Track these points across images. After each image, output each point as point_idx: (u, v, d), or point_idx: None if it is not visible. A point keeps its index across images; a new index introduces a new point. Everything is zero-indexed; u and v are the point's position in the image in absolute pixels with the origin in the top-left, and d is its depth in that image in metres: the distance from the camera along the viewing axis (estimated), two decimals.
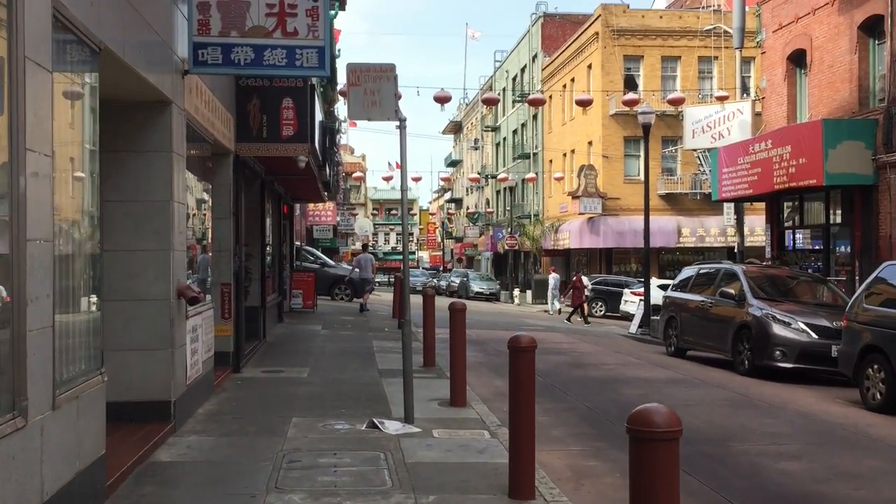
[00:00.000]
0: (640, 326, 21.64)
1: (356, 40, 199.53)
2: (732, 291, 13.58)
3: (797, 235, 21.03)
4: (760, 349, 12.50)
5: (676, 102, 24.75)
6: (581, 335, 20.19)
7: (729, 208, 26.22)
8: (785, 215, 21.49)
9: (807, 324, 12.33)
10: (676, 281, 16.63)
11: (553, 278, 36.35)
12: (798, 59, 20.80)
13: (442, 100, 21.97)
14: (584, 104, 25.01)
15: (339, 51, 32.37)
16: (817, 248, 19.87)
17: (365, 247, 27.55)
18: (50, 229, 4.40)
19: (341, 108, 36.94)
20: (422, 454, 6.74)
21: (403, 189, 8.00)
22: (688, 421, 8.81)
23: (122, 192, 7.19)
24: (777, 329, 12.39)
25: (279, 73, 8.13)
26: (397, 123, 7.93)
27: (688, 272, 16.35)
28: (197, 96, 8.31)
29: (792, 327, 12.34)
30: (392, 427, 7.61)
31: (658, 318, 21.38)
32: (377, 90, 7.83)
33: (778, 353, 12.27)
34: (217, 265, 10.56)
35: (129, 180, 7.20)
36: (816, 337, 12.19)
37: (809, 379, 12.25)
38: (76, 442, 4.72)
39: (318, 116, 13.56)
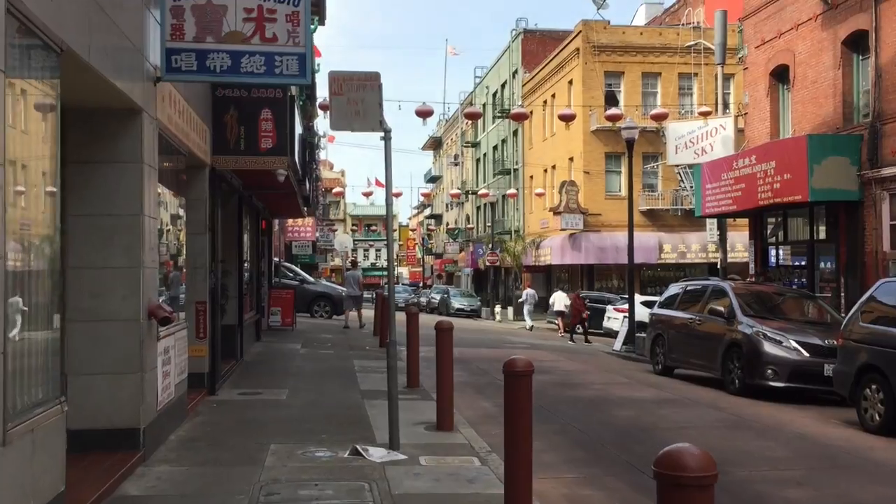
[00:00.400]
0: (624, 343, 21.36)
1: (334, 56, 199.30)
2: (721, 308, 13.31)
3: (781, 251, 20.91)
4: (751, 368, 12.22)
5: (660, 118, 24.66)
6: (567, 353, 19.86)
7: (712, 224, 26.11)
8: (768, 231, 21.35)
9: (798, 342, 12.07)
10: (663, 298, 16.36)
11: (528, 294, 36.14)
12: (781, 75, 20.73)
13: (424, 114, 21.68)
14: (567, 119, 24.83)
15: (318, 65, 32.05)
16: (801, 264, 19.72)
17: (354, 264, 27.32)
18: (1, 245, 3.98)
19: (321, 124, 36.52)
20: (409, 484, 6.33)
21: (388, 203, 7.63)
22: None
23: (90, 205, 6.76)
24: (768, 347, 12.12)
25: (257, 80, 7.74)
26: (382, 135, 7.56)
27: (674, 289, 16.09)
28: (170, 105, 7.91)
29: (783, 345, 12.08)
30: (377, 454, 7.19)
31: (643, 335, 21.16)
32: (361, 100, 7.46)
33: (769, 371, 12.00)
34: (192, 283, 10.11)
35: (97, 193, 6.78)
36: (808, 355, 11.93)
37: (801, 398, 11.98)
38: (31, 480, 4.28)
39: (298, 129, 13.19)
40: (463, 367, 14.92)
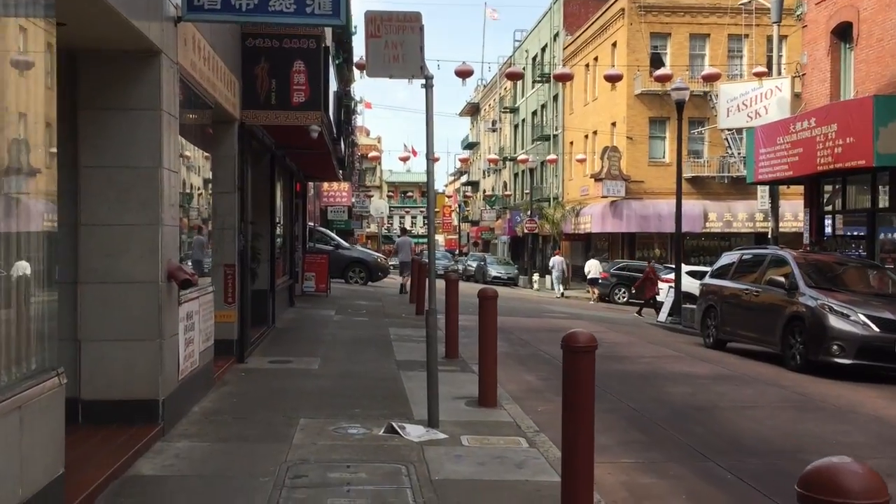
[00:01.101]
0: (669, 315, 20.53)
1: None
2: (782, 279, 12.44)
3: (837, 220, 19.83)
4: (815, 343, 11.38)
5: (711, 79, 23.43)
6: (609, 324, 19.11)
7: (763, 192, 24.97)
8: (825, 199, 20.26)
9: (867, 315, 11.19)
10: (715, 268, 15.49)
11: (556, 261, 35.24)
12: (843, 33, 19.49)
13: (463, 74, 20.84)
14: (613, 80, 23.77)
15: (354, 27, 31.24)
16: (860, 234, 18.66)
17: (404, 231, 27.80)
18: None
19: (357, 89, 35.81)
20: (450, 469, 5.71)
21: (429, 157, 6.92)
22: (750, 427, 7.76)
23: (104, 156, 6.17)
24: (834, 321, 11.26)
25: (287, 20, 7.04)
26: (423, 81, 6.84)
27: (728, 258, 15.21)
28: (194, 51, 7.26)
29: (851, 319, 11.20)
30: (414, 432, 6.58)
31: (689, 306, 20.29)
32: (400, 43, 6.74)
33: (835, 347, 11.15)
34: (220, 244, 9.56)
35: (111, 143, 6.18)
36: (878, 330, 11.05)
37: (869, 377, 11.12)
38: (18, 465, 3.71)
39: (333, 85, 12.50)
40: (503, 338, 14.26)
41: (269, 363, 10.06)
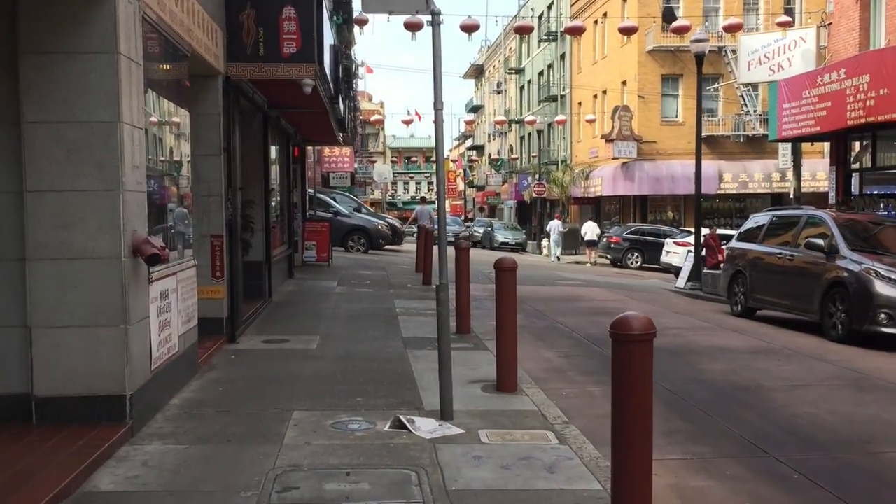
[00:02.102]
0: (689, 280, 19.58)
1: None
2: (820, 242, 11.44)
3: (866, 178, 18.76)
4: (860, 311, 10.42)
5: (733, 29, 22.14)
6: (627, 291, 18.17)
7: (785, 149, 23.87)
8: (852, 156, 19.18)
9: None
10: (743, 230, 14.47)
11: (553, 225, 34.30)
12: None
13: (469, 28, 19.67)
14: (628, 32, 22.51)
15: None
16: (891, 192, 17.62)
17: (423, 199, 28.42)
18: None
19: (358, 52, 34.66)
20: (469, 475, 4.80)
21: (437, 106, 5.95)
22: (806, 412, 6.67)
23: (50, 109, 5.20)
24: (881, 287, 10.28)
25: None
26: (428, 18, 5.82)
27: (758, 219, 14.19)
28: None
29: None
30: (425, 427, 5.68)
31: (709, 271, 19.33)
32: None
33: (882, 316, 10.20)
34: (205, 213, 8.61)
35: (58, 93, 5.20)
36: None
37: None
38: None
39: (329, 36, 11.43)
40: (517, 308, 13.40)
41: (263, 343, 9.16)
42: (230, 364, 7.91)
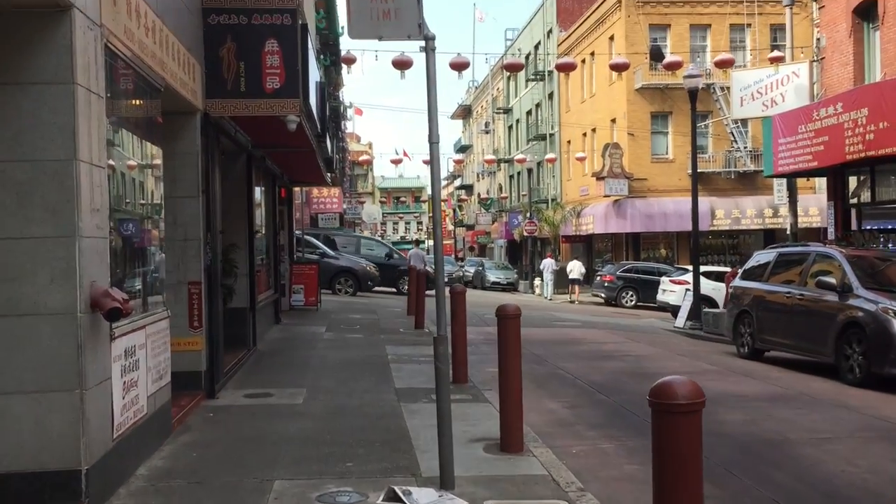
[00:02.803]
0: (688, 319, 19.03)
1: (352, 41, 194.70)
2: (832, 280, 10.92)
3: (865, 213, 18.37)
4: (879, 354, 9.85)
5: (725, 64, 21.89)
6: (625, 332, 17.58)
7: (780, 185, 23.51)
8: (850, 191, 18.82)
9: None
10: (748, 267, 13.95)
11: (547, 263, 34.11)
12: (866, 12, 18.09)
13: (459, 66, 19.34)
14: (620, 69, 22.23)
15: (341, 28, 29.78)
16: (891, 227, 17.21)
17: (417, 242, 29.70)
18: None
19: (347, 94, 34.56)
20: None
21: (433, 140, 5.39)
22: (844, 471, 6.09)
23: None
24: None
25: None
26: (422, 44, 5.30)
27: (762, 257, 13.68)
28: (129, 15, 5.71)
29: None
30: (423, 499, 5.02)
31: (709, 310, 18.80)
32: None
33: None
34: (182, 259, 8.01)
35: (7, 128, 4.63)
36: None
37: None
38: None
39: (315, 71, 10.94)
40: None
41: (245, 398, 8.48)
42: (207, 424, 7.24)
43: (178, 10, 7.40)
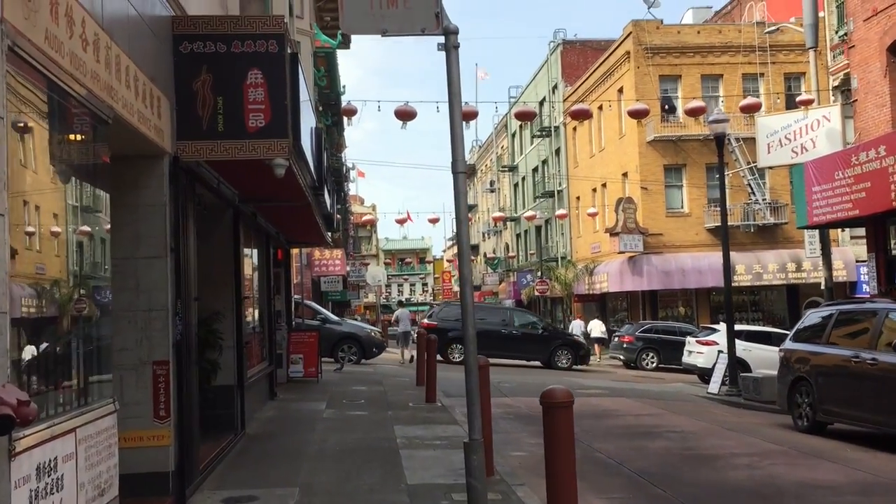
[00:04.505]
0: (723, 384, 17.39)
1: (367, 94, 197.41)
2: None
3: None
4: None
5: (751, 109, 20.66)
6: (655, 400, 15.92)
7: (812, 237, 22.13)
8: (893, 242, 17.38)
9: None
10: (800, 328, 12.40)
11: (576, 325, 32.93)
12: None
13: (468, 116, 18.12)
14: (639, 115, 21.00)
15: (343, 87, 28.93)
16: None
17: (401, 303, 32.11)
18: None
19: (348, 154, 33.82)
20: None
21: (458, 170, 3.97)
22: None
23: None
24: None
25: None
26: (441, 40, 3.92)
27: (816, 316, 12.14)
28: (57, 19, 4.36)
29: None
30: None
31: (745, 374, 17.18)
32: None
33: None
34: (145, 333, 6.55)
35: None
36: None
37: None
38: None
39: (310, 113, 9.60)
40: (536, 429, 11.15)
41: (223, 503, 6.90)
42: None
43: (137, 31, 6.08)
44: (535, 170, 49.36)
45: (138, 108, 5.94)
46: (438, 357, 19.98)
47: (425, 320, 25.81)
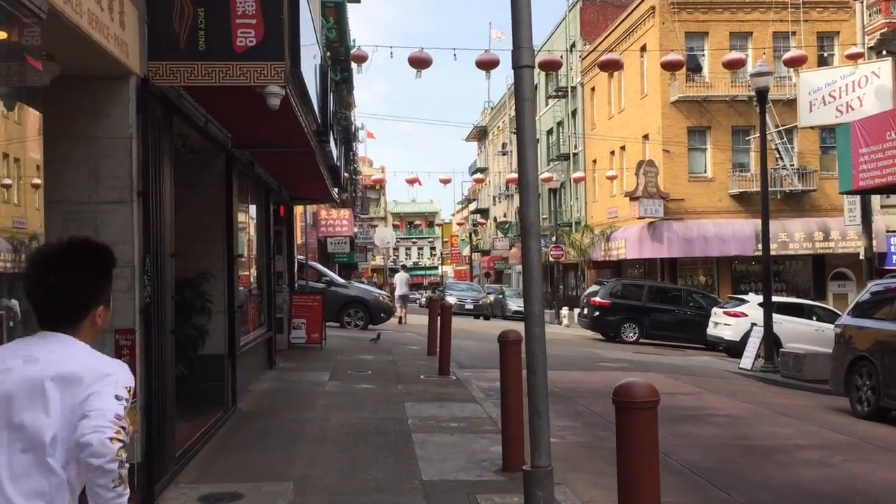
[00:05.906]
0: (757, 359, 16.17)
1: (377, 57, 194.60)
2: None
3: None
4: None
5: (796, 62, 19.04)
6: (687, 377, 14.70)
7: (852, 204, 20.72)
8: None
9: None
10: (860, 301, 11.12)
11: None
12: None
13: (486, 64, 16.67)
14: (674, 67, 19.42)
15: (353, 41, 27.43)
16: None
17: (404, 267, 32.04)
18: None
19: (358, 115, 32.53)
20: None
21: (521, 15, 2.62)
22: None
23: None
24: None
25: None
26: None
27: (879, 287, 10.85)
28: None
29: None
30: None
31: (790, 349, 15.96)
32: None
33: None
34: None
35: None
36: None
37: None
38: None
39: (312, 34, 8.22)
40: (565, 410, 9.98)
41: (201, 501, 5.70)
42: None
43: None
44: (549, 132, 47.78)
45: (94, 11, 4.62)
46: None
47: (597, 298, 25.10)
